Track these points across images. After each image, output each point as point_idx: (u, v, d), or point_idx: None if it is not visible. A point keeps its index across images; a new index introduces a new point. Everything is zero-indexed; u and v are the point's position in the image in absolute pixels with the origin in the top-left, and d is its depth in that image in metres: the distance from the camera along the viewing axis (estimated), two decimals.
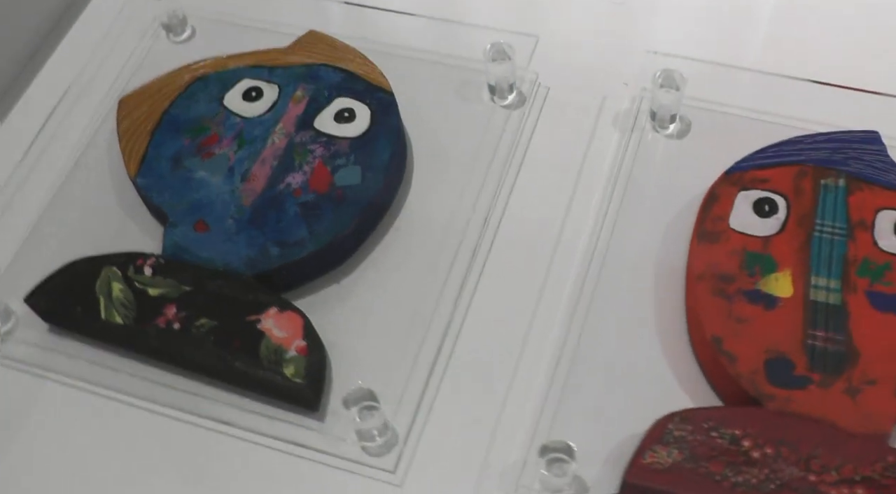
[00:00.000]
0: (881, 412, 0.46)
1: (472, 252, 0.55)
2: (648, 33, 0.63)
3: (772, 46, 0.62)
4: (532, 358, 0.51)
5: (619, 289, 0.53)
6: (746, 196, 0.52)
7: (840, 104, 0.58)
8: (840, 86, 0.58)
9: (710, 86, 0.59)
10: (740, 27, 0.63)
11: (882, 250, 0.50)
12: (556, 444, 0.46)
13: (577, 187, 0.56)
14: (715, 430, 0.46)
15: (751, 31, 0.63)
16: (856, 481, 0.45)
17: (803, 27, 0.63)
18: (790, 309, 0.49)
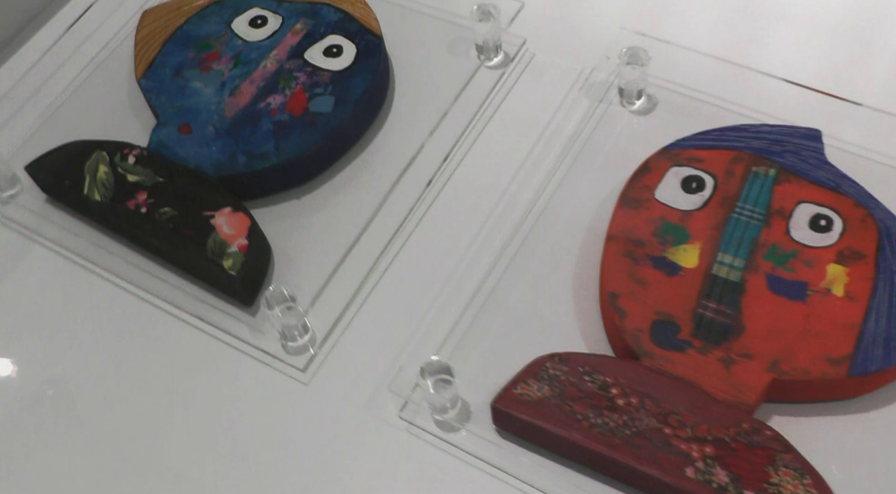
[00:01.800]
0: (749, 384, 0.47)
1: (422, 190, 0.58)
2: (636, 12, 0.65)
3: (748, 41, 0.63)
4: (452, 293, 0.54)
5: (547, 244, 0.56)
6: (678, 171, 0.54)
7: (797, 102, 0.58)
8: (801, 85, 0.59)
9: (682, 70, 0.61)
10: (724, 21, 0.65)
11: (793, 239, 0.51)
12: (436, 365, 0.50)
13: (535, 147, 0.59)
14: (588, 375, 0.49)
15: (731, 25, 0.64)
16: (707, 440, 0.46)
17: (779, 27, 0.64)
18: (690, 279, 0.51)
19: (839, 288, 0.50)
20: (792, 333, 0.48)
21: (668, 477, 0.45)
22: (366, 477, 0.50)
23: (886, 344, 0.48)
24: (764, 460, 0.45)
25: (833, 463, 0.47)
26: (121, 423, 0.53)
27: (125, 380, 0.54)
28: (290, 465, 0.51)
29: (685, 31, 0.63)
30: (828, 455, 0.48)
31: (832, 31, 0.63)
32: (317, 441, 0.52)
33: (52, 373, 0.55)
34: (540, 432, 0.48)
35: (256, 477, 0.51)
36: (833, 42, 0.63)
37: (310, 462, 0.51)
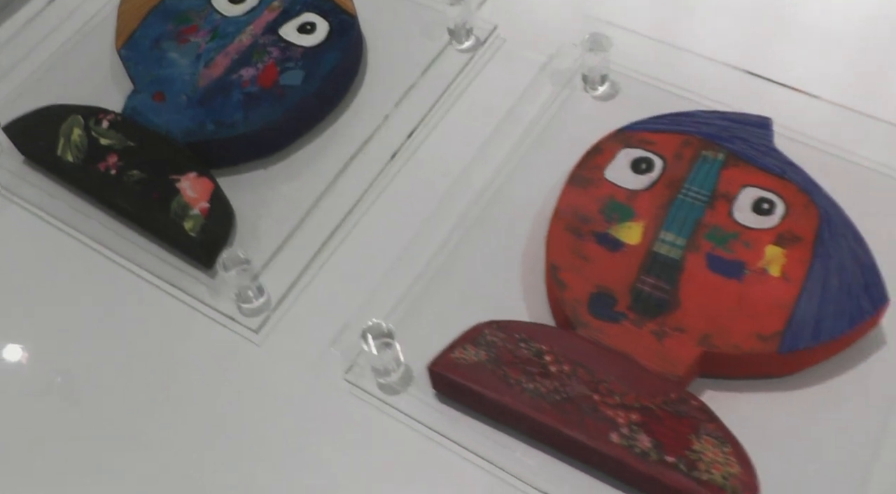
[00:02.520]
0: (680, 356, 0.48)
1: (384, 165, 0.60)
2: (604, 2, 0.66)
3: (708, 33, 0.64)
4: (405, 263, 0.56)
5: (501, 220, 0.57)
6: (628, 153, 0.55)
7: (754, 92, 0.59)
8: (759, 75, 0.60)
9: (645, 59, 0.62)
10: (687, 11, 0.66)
11: (735, 221, 0.52)
12: (377, 328, 0.51)
13: (497, 129, 0.60)
14: (524, 342, 0.50)
15: (694, 17, 0.65)
16: (634, 408, 0.47)
17: (741, 20, 0.65)
18: (631, 255, 0.52)
19: (776, 268, 0.50)
20: (726, 310, 0.49)
21: (593, 441, 0.46)
22: (309, 438, 0.52)
23: (816, 324, 0.48)
24: (688, 428, 0.46)
25: (759, 438, 0.48)
26: (80, 378, 0.54)
27: (88, 337, 0.56)
28: (238, 424, 0.52)
29: (651, 22, 0.65)
30: (755, 429, 0.48)
31: (791, 23, 0.64)
32: (265, 400, 0.53)
33: (16, 328, 0.57)
34: (474, 395, 0.49)
35: (205, 434, 0.52)
36: (792, 35, 0.64)
37: (257, 422, 0.52)
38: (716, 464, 0.45)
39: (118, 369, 0.55)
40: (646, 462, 0.46)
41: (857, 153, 0.57)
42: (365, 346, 0.51)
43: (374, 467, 0.51)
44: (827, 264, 0.50)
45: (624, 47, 0.61)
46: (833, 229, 0.51)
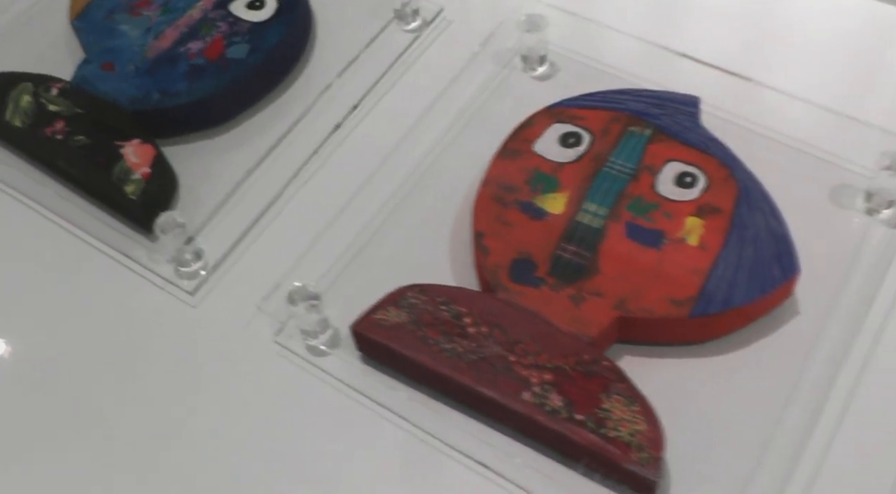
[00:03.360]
0: (594, 320, 0.49)
1: (326, 136, 0.61)
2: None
3: (644, 16, 0.65)
4: (339, 230, 0.56)
5: (434, 192, 0.58)
6: (558, 128, 0.56)
7: (686, 73, 0.60)
8: (693, 58, 0.61)
9: (584, 41, 0.63)
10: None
11: (657, 193, 0.53)
12: (303, 290, 0.52)
13: (436, 107, 0.61)
14: (445, 305, 0.50)
15: (633, 0, 0.67)
16: (547, 368, 0.48)
17: (681, 4, 0.67)
18: (554, 224, 0.52)
19: (694, 238, 0.51)
20: (642, 276, 0.50)
21: (505, 399, 0.47)
22: (238, 399, 0.52)
23: (729, 290, 0.49)
24: (598, 388, 0.47)
25: (673, 401, 0.49)
26: (14, 337, 0.56)
27: (26, 297, 0.57)
28: (171, 384, 0.53)
29: (591, 4, 0.66)
30: (669, 393, 0.49)
31: (721, 7, 0.66)
32: (197, 362, 0.54)
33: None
34: (395, 355, 0.50)
35: (136, 394, 0.53)
36: (729, 21, 0.65)
37: (189, 383, 0.53)
38: (623, 422, 0.46)
39: (54, 329, 0.56)
40: (555, 420, 0.47)
41: (778, 130, 0.58)
42: (291, 308, 0.52)
43: (299, 428, 0.51)
44: (743, 235, 0.51)
45: (564, 29, 0.63)
46: (751, 202, 0.52)
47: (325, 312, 0.53)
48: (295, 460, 0.50)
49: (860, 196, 0.56)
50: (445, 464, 0.49)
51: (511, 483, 0.48)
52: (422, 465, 0.50)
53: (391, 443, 0.50)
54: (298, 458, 0.51)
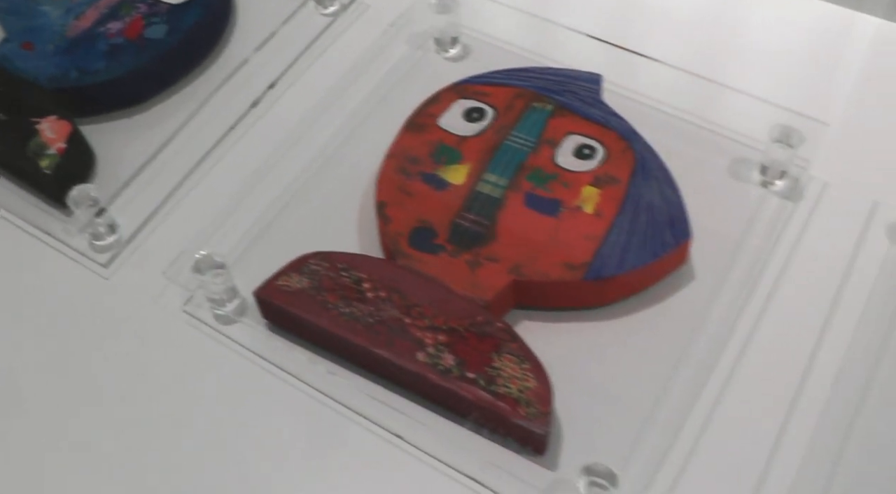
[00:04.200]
0: (490, 283, 0.50)
1: (239, 117, 0.62)
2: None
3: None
4: (249, 209, 0.57)
5: (346, 167, 0.59)
6: (463, 103, 0.57)
7: (594, 53, 0.62)
8: (599, 39, 0.62)
9: (496, 23, 0.65)
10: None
11: (556, 164, 0.54)
12: (209, 259, 0.52)
13: (350, 87, 0.62)
14: (345, 271, 0.51)
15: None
16: (442, 329, 0.49)
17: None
18: (455, 194, 0.53)
19: (590, 206, 0.52)
20: (539, 242, 0.51)
21: (399, 360, 0.48)
22: (149, 369, 0.53)
23: (622, 255, 0.50)
24: (490, 347, 0.48)
25: (568, 364, 0.50)
26: None
27: None
28: (83, 355, 0.54)
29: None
30: (565, 356, 0.50)
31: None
32: (109, 332, 0.54)
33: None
34: (296, 320, 0.51)
35: (52, 367, 0.53)
36: (631, 2, 0.66)
37: (100, 353, 0.54)
38: (513, 379, 0.47)
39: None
40: (447, 378, 0.47)
41: (678, 107, 0.59)
42: (199, 277, 0.52)
43: (206, 395, 0.52)
44: (637, 203, 0.52)
45: (476, 12, 0.64)
46: (647, 172, 0.53)
47: (233, 281, 0.54)
48: (203, 426, 0.51)
49: (756, 169, 0.57)
50: (347, 427, 0.50)
51: (410, 443, 0.49)
52: (325, 429, 0.50)
53: (295, 408, 0.51)
54: (206, 425, 0.51)
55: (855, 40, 0.64)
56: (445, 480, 0.48)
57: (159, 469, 0.50)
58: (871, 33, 0.64)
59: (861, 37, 0.64)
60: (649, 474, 0.47)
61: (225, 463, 0.49)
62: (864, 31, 0.64)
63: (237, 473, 0.49)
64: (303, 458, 0.50)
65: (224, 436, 0.50)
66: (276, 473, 0.49)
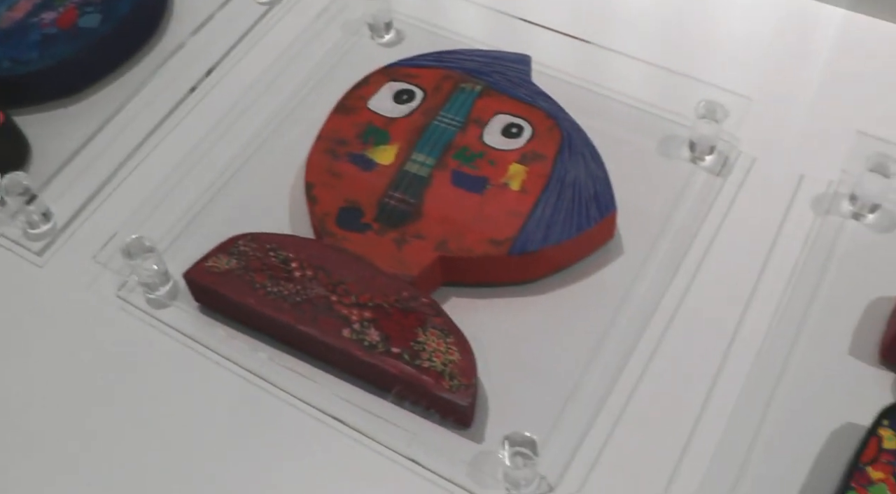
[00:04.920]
0: (415, 260, 0.50)
1: (177, 103, 0.62)
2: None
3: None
4: (183, 194, 0.57)
5: (279, 150, 0.59)
6: (392, 85, 0.57)
7: (523, 35, 0.62)
8: (528, 21, 0.62)
9: (429, 8, 0.65)
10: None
11: (483, 143, 0.54)
12: (138, 243, 0.52)
13: (285, 72, 0.63)
14: (273, 251, 0.51)
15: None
16: (367, 306, 0.49)
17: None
18: (382, 174, 0.53)
19: (516, 183, 0.53)
20: (465, 219, 0.51)
21: (325, 336, 0.48)
22: (82, 354, 0.53)
23: (547, 229, 0.50)
24: (415, 322, 0.48)
25: (496, 339, 0.50)
26: None
27: None
28: (18, 342, 0.53)
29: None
30: (494, 331, 0.51)
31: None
32: (44, 320, 0.54)
33: None
34: (224, 301, 0.51)
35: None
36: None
37: (35, 341, 0.54)
38: (437, 353, 0.47)
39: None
40: (372, 354, 0.47)
41: (603, 85, 0.60)
42: (130, 262, 0.52)
43: (140, 379, 0.52)
44: (563, 178, 0.52)
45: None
46: (573, 149, 0.54)
47: (165, 265, 0.54)
48: (136, 409, 0.51)
49: (685, 145, 0.57)
50: (278, 406, 0.50)
51: (339, 421, 0.49)
52: (256, 408, 0.50)
53: (228, 389, 0.51)
54: (139, 408, 0.51)
55: (776, 18, 0.65)
56: (375, 456, 0.48)
57: (92, 452, 0.49)
58: (792, 11, 0.65)
59: (781, 14, 0.65)
60: (573, 444, 0.47)
61: (159, 445, 0.49)
62: (785, 9, 0.65)
63: (172, 454, 0.49)
64: (234, 438, 0.49)
65: (158, 419, 0.50)
66: (209, 453, 0.49)
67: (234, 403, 0.51)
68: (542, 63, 0.59)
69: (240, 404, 0.50)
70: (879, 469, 0.43)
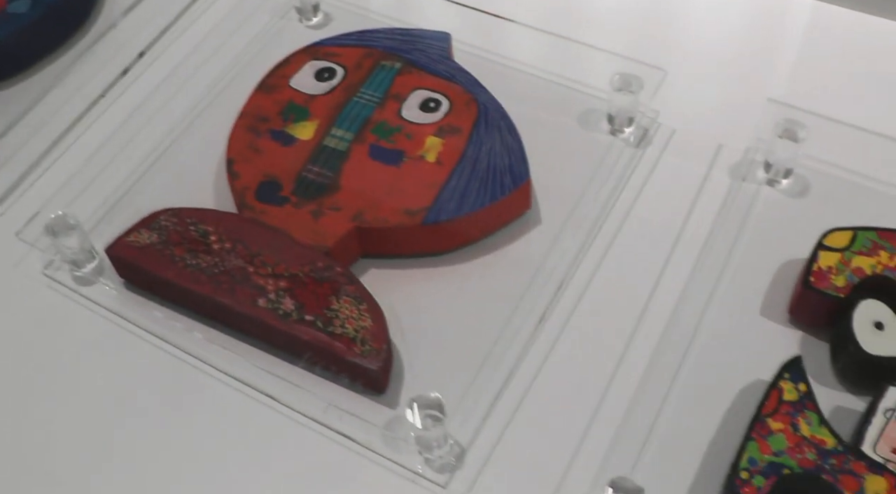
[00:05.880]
0: (331, 231, 0.51)
1: (110, 84, 0.63)
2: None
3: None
4: (113, 173, 0.58)
5: (204, 131, 0.60)
6: (314, 64, 0.58)
7: (446, 15, 0.63)
8: (451, 1, 0.63)
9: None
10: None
11: (401, 117, 0.55)
12: (61, 220, 0.52)
13: (215, 55, 0.63)
14: (193, 225, 0.52)
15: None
16: (283, 276, 0.49)
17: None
18: (302, 149, 0.54)
19: (432, 155, 0.53)
20: (381, 191, 0.52)
21: (241, 307, 0.49)
22: (8, 332, 0.53)
23: (461, 199, 0.51)
24: (329, 291, 0.49)
25: (412, 307, 0.51)
26: None
27: None
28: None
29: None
30: (410, 301, 0.51)
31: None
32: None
33: None
34: (145, 275, 0.51)
35: None
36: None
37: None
38: (350, 319, 0.48)
39: None
40: (286, 322, 0.48)
41: (523, 62, 0.61)
42: (51, 239, 0.53)
43: (67, 356, 0.52)
44: (479, 150, 0.53)
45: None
46: (490, 122, 0.54)
47: (91, 243, 0.54)
48: (64, 386, 0.51)
49: (604, 119, 0.58)
50: (201, 379, 0.50)
51: (259, 391, 0.49)
52: (180, 382, 0.50)
53: (151, 362, 0.51)
54: (67, 385, 0.51)
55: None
56: (294, 425, 0.48)
57: (20, 430, 0.50)
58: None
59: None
60: (484, 409, 0.48)
61: (87, 421, 0.50)
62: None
63: (99, 430, 0.49)
64: (158, 410, 0.50)
65: (85, 395, 0.50)
66: (135, 427, 0.49)
67: (157, 376, 0.51)
68: (462, 41, 0.60)
69: (162, 377, 0.51)
70: (779, 419, 0.44)
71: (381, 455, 0.47)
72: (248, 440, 0.48)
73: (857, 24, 0.63)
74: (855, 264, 0.48)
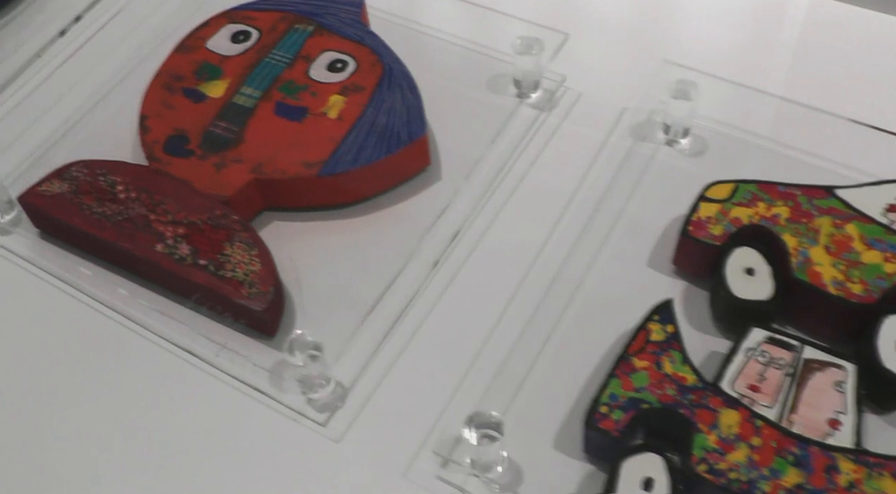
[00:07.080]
0: (231, 182, 0.52)
1: (43, 46, 0.65)
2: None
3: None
4: (36, 132, 0.60)
5: (124, 97, 0.61)
6: (231, 27, 0.59)
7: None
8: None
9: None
10: None
11: (309, 77, 0.56)
12: None
13: (138, 27, 0.65)
14: (103, 176, 0.53)
15: None
16: (182, 223, 0.51)
17: None
18: (211, 106, 0.56)
19: (334, 112, 0.54)
20: (282, 145, 0.53)
21: (140, 251, 0.50)
22: None
23: (357, 152, 0.52)
24: (224, 237, 0.50)
25: (310, 257, 0.52)
26: None
27: None
28: None
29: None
30: (309, 251, 0.53)
31: None
32: None
33: None
34: (55, 223, 0.53)
35: None
36: None
37: None
38: (241, 264, 0.49)
39: None
40: (181, 266, 0.49)
41: (435, 27, 0.62)
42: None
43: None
44: (379, 107, 0.54)
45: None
46: (393, 81, 0.56)
47: (9, 195, 0.55)
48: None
49: (511, 83, 0.59)
50: (105, 324, 0.52)
51: (156, 334, 0.51)
52: (91, 327, 0.52)
53: (59, 307, 0.53)
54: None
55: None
56: (188, 366, 0.50)
57: None
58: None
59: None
60: (367, 354, 0.49)
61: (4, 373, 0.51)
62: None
63: (19, 381, 0.51)
64: (69, 354, 0.51)
65: (3, 346, 0.52)
66: (48, 371, 0.51)
67: (64, 321, 0.52)
68: (378, 8, 0.61)
69: (70, 321, 0.52)
70: (644, 358, 0.45)
71: (266, 395, 0.48)
72: (143, 382, 0.50)
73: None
74: (734, 214, 0.49)
